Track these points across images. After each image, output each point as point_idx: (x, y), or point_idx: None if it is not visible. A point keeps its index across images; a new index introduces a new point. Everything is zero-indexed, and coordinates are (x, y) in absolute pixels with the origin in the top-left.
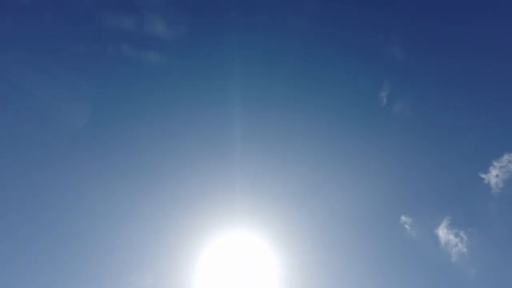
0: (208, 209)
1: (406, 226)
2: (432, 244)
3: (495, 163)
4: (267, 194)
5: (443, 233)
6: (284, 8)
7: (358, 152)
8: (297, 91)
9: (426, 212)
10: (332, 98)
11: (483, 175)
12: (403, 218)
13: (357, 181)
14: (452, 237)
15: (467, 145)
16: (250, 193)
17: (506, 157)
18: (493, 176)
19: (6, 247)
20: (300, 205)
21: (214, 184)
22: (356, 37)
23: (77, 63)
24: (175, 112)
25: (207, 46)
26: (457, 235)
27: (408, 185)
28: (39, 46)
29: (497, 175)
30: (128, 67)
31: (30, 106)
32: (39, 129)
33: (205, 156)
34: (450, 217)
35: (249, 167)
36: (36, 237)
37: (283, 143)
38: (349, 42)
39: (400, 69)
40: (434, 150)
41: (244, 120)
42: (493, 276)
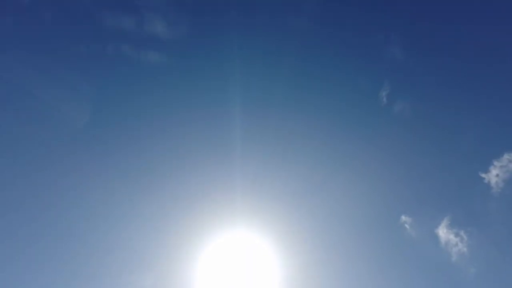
0: (208, 209)
1: (406, 226)
2: (432, 244)
3: (495, 163)
4: (267, 194)
5: (443, 233)
6: (284, 8)
7: (358, 152)
8: (297, 91)
9: (426, 212)
10: (332, 98)
11: (483, 175)
12: (403, 218)
13: (357, 181)
14: (452, 237)
15: (467, 145)
16: (250, 193)
17: (506, 157)
18: (493, 176)
19: (6, 247)
20: (300, 205)
21: (214, 184)
22: (356, 37)
23: (77, 63)
24: (175, 112)
25: (207, 46)
26: (457, 235)
27: (408, 185)
28: (39, 46)
29: (497, 175)
30: (128, 67)
31: (30, 106)
32: (39, 129)
33: (205, 156)
34: (450, 217)
35: (249, 167)
36: (36, 237)
37: (283, 143)
38: (349, 42)
39: (400, 69)
40: (434, 150)
41: (244, 120)
42: (493, 276)
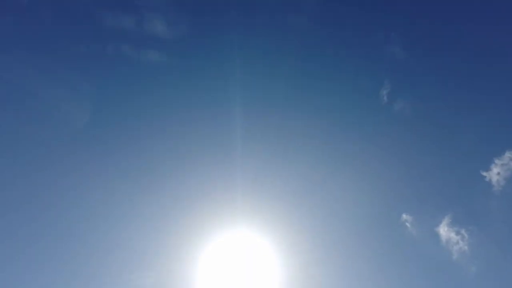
0: (209, 209)
1: (407, 224)
2: (433, 242)
3: (497, 161)
4: (268, 193)
5: (444, 231)
6: (284, 8)
7: (359, 151)
8: (298, 90)
9: (427, 210)
10: (333, 97)
11: (484, 173)
12: (404, 216)
13: (358, 180)
14: (453, 235)
15: (468, 143)
16: (251, 192)
17: (508, 155)
18: (494, 174)
19: (6, 247)
20: (301, 204)
21: (215, 184)
22: (356, 36)
23: (77, 63)
24: (175, 112)
25: (207, 46)
26: (458, 233)
27: (409, 183)
28: (39, 46)
29: (499, 173)
30: (128, 67)
31: (30, 106)
32: (39, 129)
33: (206, 156)
34: (451, 215)
35: (250, 166)
36: (36, 237)
37: (284, 142)
38: (349, 41)
39: (401, 68)
40: (435, 148)
41: (245, 120)
42: (494, 274)
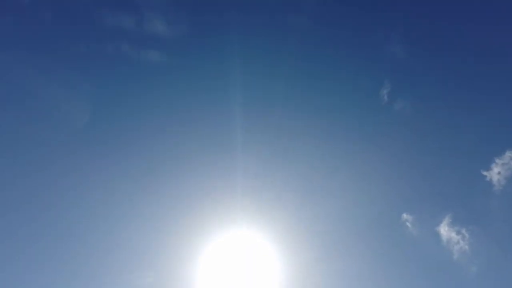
0: (209, 208)
1: (408, 224)
2: (434, 242)
3: (497, 160)
4: (268, 193)
5: (445, 231)
6: (284, 7)
7: (359, 151)
8: (298, 90)
9: (428, 210)
10: (333, 97)
11: (485, 173)
12: (405, 216)
13: (358, 179)
14: (454, 235)
15: (469, 143)
16: (251, 192)
17: (508, 154)
18: (495, 174)
19: (6, 247)
20: (301, 204)
21: (215, 183)
22: (357, 36)
23: (77, 63)
24: (175, 112)
25: (207, 45)
26: (459, 233)
27: (409, 183)
28: (39, 46)
29: (499, 172)
30: (128, 67)
31: (30, 106)
32: (40, 129)
33: (206, 155)
34: (452, 215)
35: (250, 166)
36: (36, 237)
37: (284, 142)
38: (350, 41)
39: (401, 67)
40: (436, 148)
41: (245, 119)
42: (495, 274)
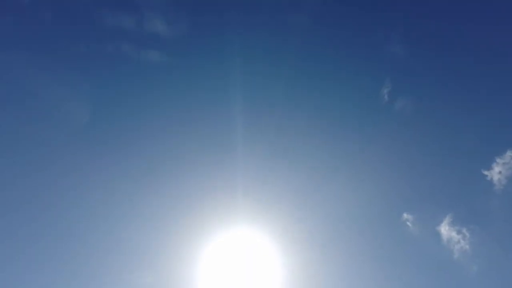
0: (210, 208)
1: (408, 224)
2: (434, 241)
3: (498, 160)
4: (269, 193)
5: (445, 230)
6: (285, 6)
7: (360, 150)
8: (298, 89)
9: (428, 209)
10: (334, 96)
11: (486, 172)
12: (405, 216)
13: (359, 179)
14: (455, 234)
15: (470, 142)
16: (252, 192)
17: (509, 154)
18: (496, 173)
19: (6, 247)
20: (302, 203)
21: (215, 183)
22: (357, 35)
23: (77, 63)
24: (176, 111)
25: (208, 45)
26: (460, 232)
27: (410, 182)
28: (39, 46)
29: (500, 172)
30: (128, 67)
31: (31, 106)
32: (40, 129)
33: (207, 155)
34: (453, 214)
35: (250, 166)
36: (36, 237)
37: (285, 141)
38: (350, 40)
39: (402, 66)
40: (436, 147)
41: (245, 119)
42: (495, 273)
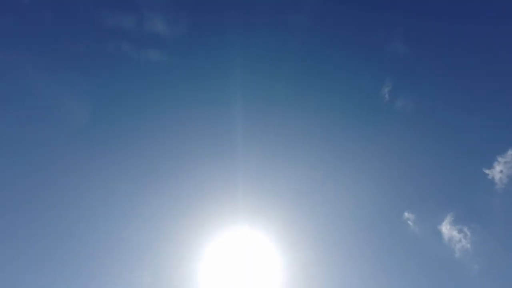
0: (210, 207)
1: (409, 222)
2: (436, 240)
3: (500, 159)
4: (269, 192)
5: (447, 229)
6: (285, 6)
7: (361, 149)
8: (299, 89)
9: (430, 208)
10: (334, 95)
11: (487, 171)
12: (406, 214)
13: (360, 178)
14: (456, 233)
15: (471, 141)
16: (252, 191)
17: (511, 153)
18: (497, 172)
19: (6, 247)
20: (303, 203)
21: (216, 183)
22: (358, 34)
23: (77, 63)
24: (176, 111)
25: (208, 44)
26: (461, 231)
27: (411, 181)
28: (39, 46)
29: (502, 171)
30: (128, 66)
31: (30, 106)
32: (40, 129)
33: (207, 154)
34: (454, 213)
35: (251, 165)
36: (36, 237)
37: (285, 141)
38: (351, 39)
39: (402, 65)
40: (437, 146)
41: (246, 118)
42: (497, 272)
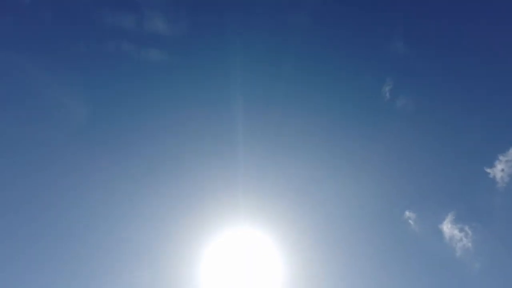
0: (211, 207)
1: (410, 222)
2: (437, 239)
3: (501, 157)
4: (270, 191)
5: (448, 228)
6: (285, 5)
7: (362, 148)
8: (299, 88)
9: (431, 207)
10: (335, 94)
11: (489, 170)
12: (407, 213)
13: (361, 177)
14: (457, 232)
15: (472, 140)
16: (253, 190)
17: None
18: (499, 171)
19: (6, 247)
20: (303, 202)
21: (217, 182)
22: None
23: (78, 62)
24: (176, 111)
25: (208, 44)
26: (462, 230)
27: (412, 180)
28: (39, 46)
29: (503, 170)
30: (129, 66)
31: (30, 106)
32: (40, 129)
33: (207, 154)
34: (455, 212)
35: (252, 164)
36: (36, 237)
37: (286, 140)
38: (351, 38)
39: (403, 64)
40: (438, 145)
41: (246, 117)
42: (498, 271)
